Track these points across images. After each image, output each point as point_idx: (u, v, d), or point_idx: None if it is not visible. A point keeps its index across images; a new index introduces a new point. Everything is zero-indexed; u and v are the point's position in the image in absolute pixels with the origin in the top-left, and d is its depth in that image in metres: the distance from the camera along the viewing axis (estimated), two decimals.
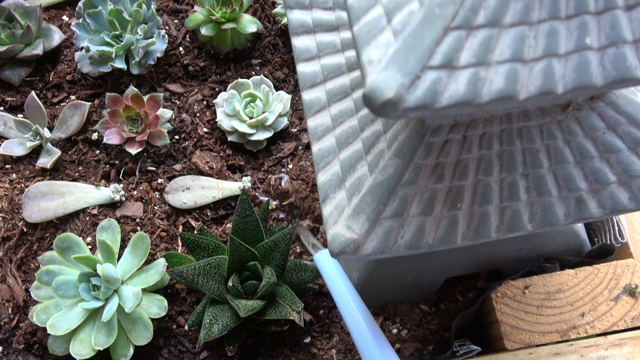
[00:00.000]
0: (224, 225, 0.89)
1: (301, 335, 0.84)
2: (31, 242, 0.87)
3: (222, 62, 1.00)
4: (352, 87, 0.58)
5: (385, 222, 0.52)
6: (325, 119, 0.58)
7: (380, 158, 0.53)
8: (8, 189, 0.89)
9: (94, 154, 0.92)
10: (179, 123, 0.95)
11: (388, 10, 0.36)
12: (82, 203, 0.87)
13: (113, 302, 0.78)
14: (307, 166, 0.92)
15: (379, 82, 0.34)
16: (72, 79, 0.97)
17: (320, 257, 0.72)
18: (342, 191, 0.54)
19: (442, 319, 0.84)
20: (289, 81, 0.99)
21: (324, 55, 0.60)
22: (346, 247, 0.51)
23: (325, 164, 0.56)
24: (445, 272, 0.80)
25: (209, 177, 0.90)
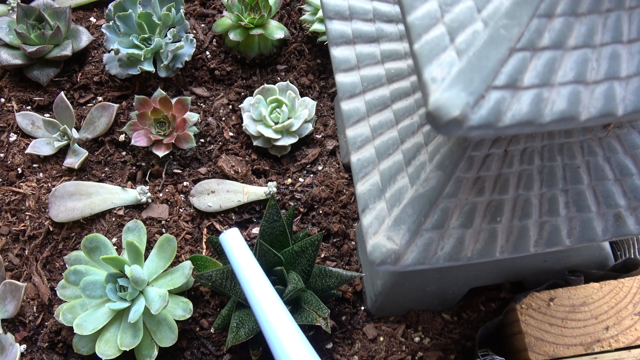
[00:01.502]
0: (249, 230, 0.89)
1: (323, 341, 0.84)
2: (57, 241, 0.87)
3: (247, 67, 1.01)
4: (391, 98, 0.58)
5: (426, 234, 0.53)
6: (365, 129, 0.58)
7: (422, 170, 0.53)
8: (35, 188, 0.89)
9: (121, 155, 0.93)
10: (205, 127, 0.95)
11: (451, 29, 0.36)
12: (108, 204, 0.88)
13: (139, 303, 0.79)
14: (332, 172, 0.93)
15: (444, 100, 0.34)
16: (100, 80, 0.98)
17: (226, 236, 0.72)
18: (382, 202, 0.54)
19: (464, 328, 0.84)
20: (314, 87, 1.00)
21: (363, 67, 0.60)
22: (387, 258, 0.52)
23: (365, 174, 0.57)
24: (470, 282, 0.81)
25: (234, 181, 0.91)
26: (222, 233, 0.73)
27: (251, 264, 0.70)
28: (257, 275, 0.69)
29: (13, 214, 0.88)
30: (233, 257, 0.71)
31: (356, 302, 0.87)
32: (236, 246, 0.71)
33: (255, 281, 0.69)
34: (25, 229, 0.87)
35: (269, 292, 0.69)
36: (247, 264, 0.70)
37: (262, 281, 0.69)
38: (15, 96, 0.96)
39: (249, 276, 0.69)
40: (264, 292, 0.68)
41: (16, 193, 0.89)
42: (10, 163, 0.91)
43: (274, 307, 0.67)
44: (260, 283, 0.69)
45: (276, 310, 0.67)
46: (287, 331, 0.66)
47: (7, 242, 0.87)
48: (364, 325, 0.85)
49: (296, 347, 0.65)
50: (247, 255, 0.71)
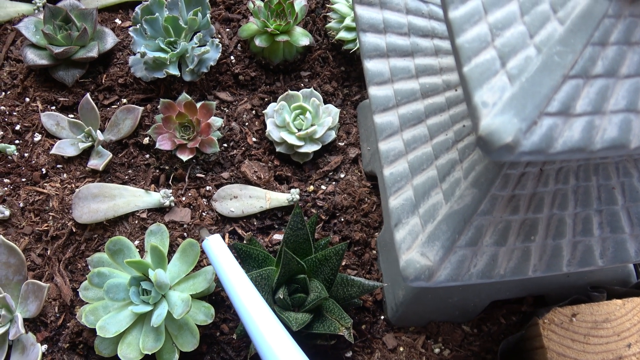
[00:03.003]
0: (270, 236, 0.90)
1: (343, 350, 0.84)
2: (79, 242, 0.88)
3: (271, 72, 1.01)
4: (426, 113, 0.58)
5: (460, 251, 0.53)
6: (398, 143, 0.58)
7: (457, 187, 0.54)
8: (59, 188, 0.90)
9: (144, 158, 0.94)
10: (228, 131, 0.96)
11: (502, 54, 0.37)
12: (132, 206, 0.88)
13: (162, 307, 0.79)
14: (354, 180, 0.93)
15: (496, 125, 0.34)
16: (125, 82, 0.98)
17: (209, 243, 0.72)
18: (416, 217, 0.55)
19: (484, 341, 0.84)
20: (337, 95, 1.00)
21: (397, 80, 0.61)
22: (421, 274, 0.52)
23: (398, 188, 0.57)
24: (492, 294, 0.81)
25: (256, 187, 0.91)
26: (205, 239, 0.73)
27: (235, 270, 0.70)
28: (242, 280, 0.70)
29: (36, 214, 0.89)
30: (217, 263, 0.71)
31: (376, 311, 0.87)
32: (220, 252, 0.72)
33: (241, 286, 0.69)
34: (48, 229, 0.88)
35: (255, 297, 0.69)
36: (231, 269, 0.70)
37: (247, 286, 0.69)
38: (40, 96, 0.97)
39: (234, 282, 0.69)
40: (249, 297, 0.68)
41: (40, 193, 0.89)
42: (35, 163, 0.91)
43: (260, 311, 0.67)
44: (245, 288, 0.69)
45: (263, 314, 0.67)
46: (276, 335, 0.66)
47: (30, 242, 0.88)
48: (383, 335, 0.85)
49: (285, 350, 0.65)
50: (231, 260, 0.71)
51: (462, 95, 0.56)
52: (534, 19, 0.36)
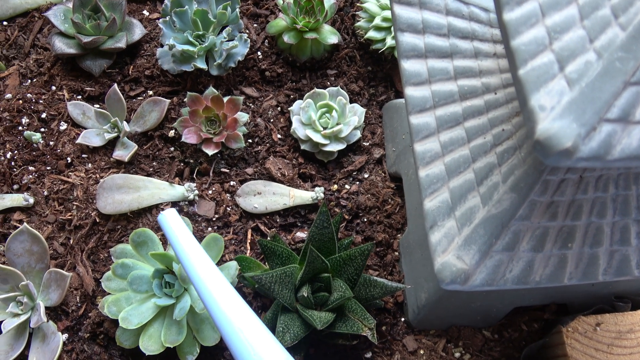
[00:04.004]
0: (293, 234, 0.89)
1: (363, 350, 0.84)
2: (102, 232, 0.88)
3: (298, 70, 1.01)
4: (464, 116, 0.58)
5: (496, 255, 0.52)
6: (434, 145, 0.58)
7: (495, 191, 0.53)
8: (83, 178, 0.90)
9: (169, 151, 0.94)
10: (253, 127, 0.96)
11: (560, 58, 0.36)
12: (156, 199, 0.88)
13: (185, 300, 0.79)
14: (378, 181, 0.93)
15: (555, 130, 0.34)
16: (151, 74, 0.98)
17: (165, 217, 0.71)
18: (452, 220, 0.54)
19: (504, 347, 0.84)
20: (363, 94, 1.00)
21: (435, 82, 0.60)
22: (457, 278, 0.51)
23: (434, 190, 0.56)
24: (515, 300, 0.80)
25: (280, 184, 0.91)
26: (160, 214, 0.72)
27: (192, 243, 0.69)
28: (199, 253, 0.69)
29: (60, 203, 0.89)
30: (173, 236, 0.70)
31: (396, 312, 0.87)
32: (176, 226, 0.70)
33: (198, 259, 0.68)
34: (72, 219, 0.88)
35: (212, 269, 0.68)
36: (187, 243, 0.69)
37: (205, 259, 0.68)
38: (66, 85, 0.97)
39: (191, 255, 0.68)
40: (207, 269, 0.67)
41: (64, 182, 0.90)
42: (60, 152, 0.91)
43: (218, 281, 0.66)
44: (203, 261, 0.68)
45: (221, 285, 0.66)
46: (236, 306, 0.64)
47: (53, 231, 0.88)
48: (404, 337, 0.85)
49: (246, 321, 0.64)
50: (187, 233, 0.70)
51: (501, 99, 0.56)
52: (594, 23, 0.36)
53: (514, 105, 0.55)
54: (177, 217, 0.72)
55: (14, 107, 0.94)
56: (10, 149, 0.91)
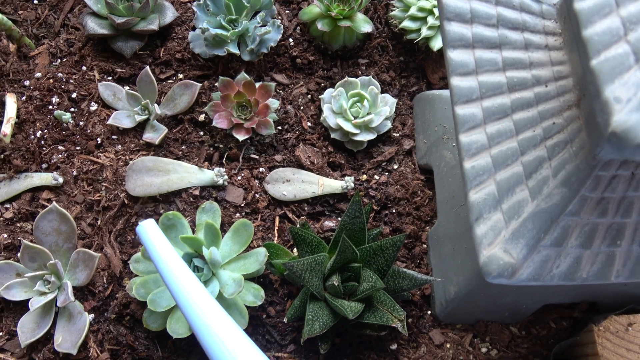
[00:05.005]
0: (321, 222, 0.89)
1: (388, 342, 0.84)
2: (130, 214, 0.88)
3: (329, 58, 1.00)
4: (512, 108, 0.57)
5: (544, 251, 0.51)
6: (481, 136, 0.57)
7: (544, 185, 0.52)
8: (113, 159, 0.90)
9: (198, 135, 0.93)
10: (283, 114, 0.95)
11: (637, 49, 0.35)
12: (185, 182, 0.88)
13: (213, 285, 0.78)
14: (407, 172, 0.92)
15: (632, 123, 0.33)
16: (182, 57, 0.97)
17: (143, 227, 0.71)
18: (498, 213, 0.53)
19: (532, 344, 0.83)
20: (394, 85, 0.99)
21: (482, 72, 0.59)
22: (504, 271, 0.51)
23: (479, 182, 0.55)
24: (545, 298, 0.80)
25: (309, 172, 0.91)
26: (139, 225, 0.71)
27: (171, 254, 0.69)
28: (178, 264, 0.68)
29: (89, 183, 0.89)
30: (152, 247, 0.69)
31: (423, 305, 0.86)
32: (154, 236, 0.70)
33: (178, 270, 0.68)
34: (100, 200, 0.87)
35: (191, 279, 0.67)
36: (166, 253, 0.69)
37: (185, 271, 0.67)
38: (97, 66, 0.97)
39: (170, 265, 0.68)
40: (187, 280, 0.67)
41: (94, 163, 0.89)
42: (90, 132, 0.91)
43: (197, 292, 0.66)
44: (182, 272, 0.67)
45: (200, 295, 0.66)
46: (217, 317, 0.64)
47: (81, 211, 0.88)
48: (430, 330, 0.84)
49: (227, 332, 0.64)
50: (166, 244, 0.69)
51: (552, 92, 0.55)
52: None
53: (565, 99, 0.54)
54: (156, 228, 0.71)
55: (44, 86, 0.94)
56: (40, 128, 0.91)
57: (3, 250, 0.86)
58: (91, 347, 0.81)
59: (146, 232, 0.70)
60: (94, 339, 0.82)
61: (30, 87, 0.94)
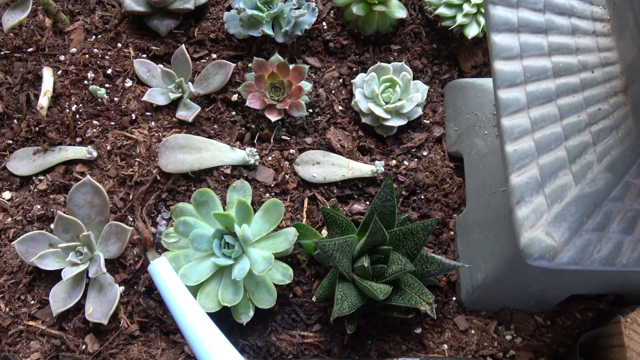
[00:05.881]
0: (350, 206, 0.89)
1: (413, 325, 0.84)
2: (161, 190, 0.89)
3: (362, 43, 1.00)
4: (557, 93, 0.57)
5: (586, 235, 0.52)
6: (524, 120, 0.57)
7: (589, 170, 0.52)
8: (146, 135, 0.90)
9: (231, 115, 0.94)
10: (315, 97, 0.95)
11: None
12: (217, 161, 0.88)
13: (243, 262, 0.79)
14: (437, 159, 0.92)
15: None
16: (216, 37, 0.98)
17: (155, 266, 0.72)
18: (541, 196, 0.54)
19: (557, 334, 0.84)
20: (425, 72, 0.99)
21: (527, 57, 0.59)
22: (545, 254, 0.51)
23: (521, 166, 0.56)
24: (573, 288, 0.80)
25: (339, 155, 0.91)
26: (150, 263, 0.72)
27: (184, 293, 0.70)
28: (191, 304, 0.70)
29: (122, 158, 0.90)
30: (164, 286, 0.71)
31: (448, 291, 0.87)
32: (167, 275, 0.71)
33: (190, 309, 0.69)
34: (133, 175, 0.88)
35: (204, 320, 0.69)
36: (179, 293, 0.70)
37: (196, 309, 0.69)
38: (132, 43, 0.97)
39: (183, 305, 0.69)
40: (199, 319, 0.68)
41: (128, 138, 0.90)
42: (125, 108, 0.92)
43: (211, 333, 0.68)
44: (193, 310, 0.69)
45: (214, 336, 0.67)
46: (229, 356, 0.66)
47: (114, 185, 0.89)
48: (455, 316, 0.85)
49: None
50: (178, 284, 0.71)
51: (599, 78, 0.55)
52: None
53: (612, 85, 0.54)
54: (168, 266, 0.72)
55: (79, 61, 0.95)
56: (75, 102, 0.92)
57: (36, 221, 0.88)
58: (121, 317, 0.82)
59: (158, 271, 0.72)
60: (124, 310, 0.83)
61: (66, 62, 0.95)
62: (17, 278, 0.86)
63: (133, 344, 0.82)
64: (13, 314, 0.84)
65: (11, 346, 0.82)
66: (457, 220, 0.89)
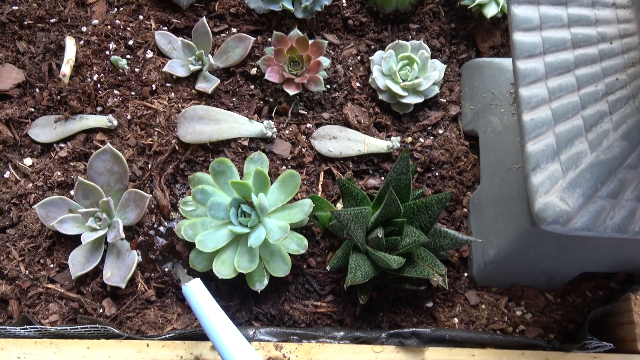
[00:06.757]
0: (365, 180, 0.90)
1: (424, 299, 0.86)
2: (180, 160, 0.90)
3: (380, 21, 1.01)
4: (575, 64, 0.58)
5: (599, 201, 0.53)
6: (541, 90, 0.58)
7: (604, 138, 0.53)
8: (166, 106, 0.92)
9: (249, 88, 0.95)
10: (333, 73, 0.96)
11: None
12: (235, 133, 0.90)
13: (259, 231, 0.81)
14: (452, 138, 0.93)
15: None
16: (236, 12, 0.99)
17: (190, 289, 0.72)
18: (556, 163, 0.54)
19: (567, 311, 0.84)
20: (443, 51, 1.00)
21: (546, 28, 0.60)
22: (559, 218, 0.52)
23: (538, 134, 0.57)
24: (584, 265, 0.81)
25: (355, 131, 0.92)
26: (185, 286, 0.72)
27: (219, 314, 0.70)
28: (227, 323, 0.70)
29: (142, 128, 0.91)
30: (199, 308, 0.71)
31: (460, 267, 0.88)
32: (201, 296, 0.72)
33: (225, 329, 0.69)
34: (152, 144, 0.90)
35: (240, 340, 0.69)
36: (215, 314, 0.70)
37: (232, 329, 0.69)
38: (154, 15, 0.99)
39: (218, 326, 0.69)
40: (234, 340, 0.68)
41: (148, 108, 0.92)
42: (145, 79, 0.94)
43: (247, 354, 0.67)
44: (230, 332, 0.69)
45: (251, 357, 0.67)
46: None
47: (133, 154, 0.90)
48: (466, 291, 0.86)
49: None
50: (213, 304, 0.71)
51: (617, 49, 0.56)
52: None
53: (630, 56, 0.54)
54: (202, 287, 0.73)
55: (102, 31, 0.96)
56: (97, 72, 0.94)
57: (56, 187, 0.90)
58: (139, 282, 0.84)
59: (192, 292, 0.72)
60: (141, 275, 0.85)
61: (88, 32, 0.97)
62: (37, 242, 0.88)
63: (149, 308, 0.84)
64: (33, 277, 0.86)
65: (30, 307, 0.85)
66: (470, 198, 0.89)
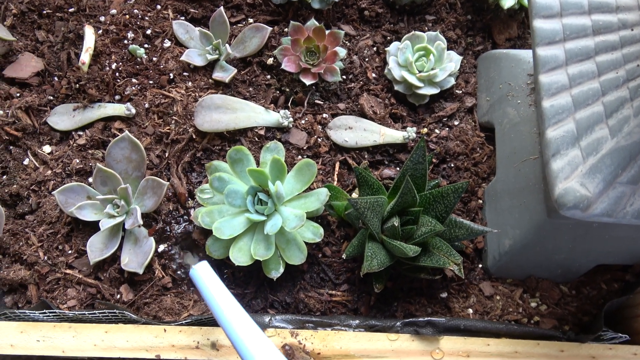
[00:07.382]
0: (380, 171, 0.91)
1: (439, 290, 0.86)
2: (197, 149, 0.91)
3: (396, 12, 1.01)
4: (595, 50, 0.58)
5: (619, 187, 0.53)
6: (562, 77, 0.58)
7: (625, 124, 0.53)
8: (184, 95, 0.93)
9: (266, 78, 0.95)
10: (349, 64, 0.97)
11: None
12: (251, 122, 0.90)
13: (276, 219, 0.81)
14: (467, 129, 0.93)
15: None
16: (253, 2, 1.00)
17: (197, 271, 0.70)
18: (576, 149, 0.55)
19: (581, 303, 0.84)
20: (459, 43, 1.00)
21: (567, 15, 0.60)
22: (579, 203, 0.52)
23: (558, 120, 0.57)
24: (600, 257, 0.80)
25: (371, 121, 0.92)
26: (192, 268, 0.71)
27: (227, 296, 0.69)
28: (234, 305, 0.68)
29: (160, 116, 0.92)
30: (206, 290, 0.69)
31: (475, 258, 0.88)
32: (208, 279, 0.70)
33: (234, 313, 0.68)
34: (170, 132, 0.91)
35: (248, 322, 0.66)
36: (222, 296, 0.69)
37: (240, 312, 0.68)
38: (171, 5, 0.99)
39: (226, 308, 0.68)
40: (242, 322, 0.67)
41: (166, 97, 0.92)
42: (163, 68, 0.94)
43: (255, 336, 0.66)
44: (238, 313, 0.67)
45: (258, 339, 0.66)
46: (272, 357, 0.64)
47: (151, 142, 0.91)
48: (480, 282, 0.86)
49: None
50: (221, 286, 0.69)
51: (638, 35, 0.56)
52: None
53: None
54: (209, 269, 0.71)
55: (120, 21, 0.97)
56: (115, 61, 0.95)
57: (75, 175, 0.91)
58: (156, 268, 0.85)
59: (199, 275, 0.70)
60: (158, 262, 0.85)
61: (106, 22, 0.98)
62: (56, 228, 0.89)
63: (166, 294, 0.85)
64: (51, 263, 0.87)
65: (49, 293, 0.86)
66: (486, 189, 0.89)
